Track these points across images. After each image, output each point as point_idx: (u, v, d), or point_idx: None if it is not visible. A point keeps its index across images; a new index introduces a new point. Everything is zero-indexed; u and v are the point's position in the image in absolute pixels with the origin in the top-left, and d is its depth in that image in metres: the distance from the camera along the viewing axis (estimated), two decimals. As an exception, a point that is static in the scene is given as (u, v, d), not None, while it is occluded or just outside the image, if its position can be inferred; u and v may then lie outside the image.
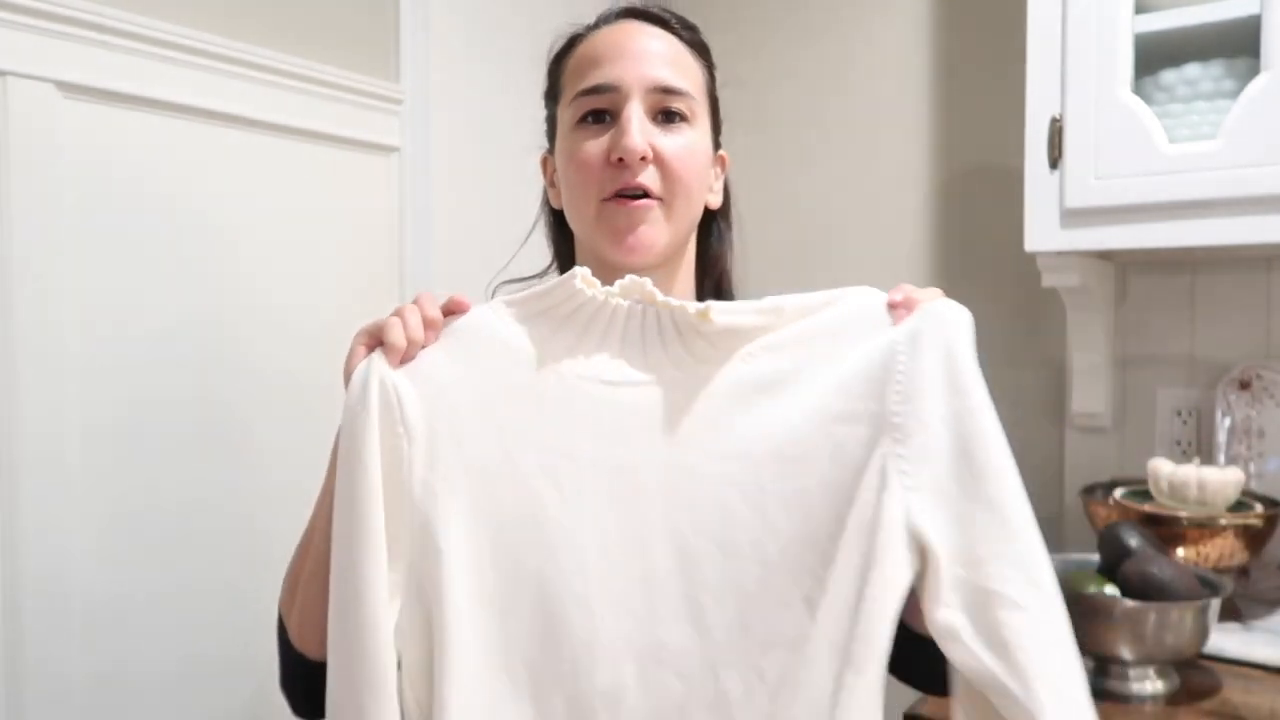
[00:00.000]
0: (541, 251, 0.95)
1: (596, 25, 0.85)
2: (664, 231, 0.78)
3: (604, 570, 0.64)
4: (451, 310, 0.69)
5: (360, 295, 1.37)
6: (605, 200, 0.77)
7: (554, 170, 0.86)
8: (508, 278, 0.90)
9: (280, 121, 1.24)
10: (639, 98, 0.77)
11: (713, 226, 0.90)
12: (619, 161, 0.76)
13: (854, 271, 1.72)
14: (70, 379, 1.03)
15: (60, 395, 1.02)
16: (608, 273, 0.73)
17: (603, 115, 0.78)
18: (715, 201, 0.87)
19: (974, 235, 1.60)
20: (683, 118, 0.79)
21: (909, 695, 1.25)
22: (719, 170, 0.88)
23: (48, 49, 1.00)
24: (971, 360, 0.69)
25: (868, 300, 0.69)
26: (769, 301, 0.68)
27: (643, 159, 0.76)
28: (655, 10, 0.85)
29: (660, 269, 0.80)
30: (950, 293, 1.76)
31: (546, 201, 0.91)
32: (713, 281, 0.91)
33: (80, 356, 1.04)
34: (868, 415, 0.65)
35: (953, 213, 1.63)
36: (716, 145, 0.87)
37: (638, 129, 0.76)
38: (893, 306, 0.68)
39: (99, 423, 1.06)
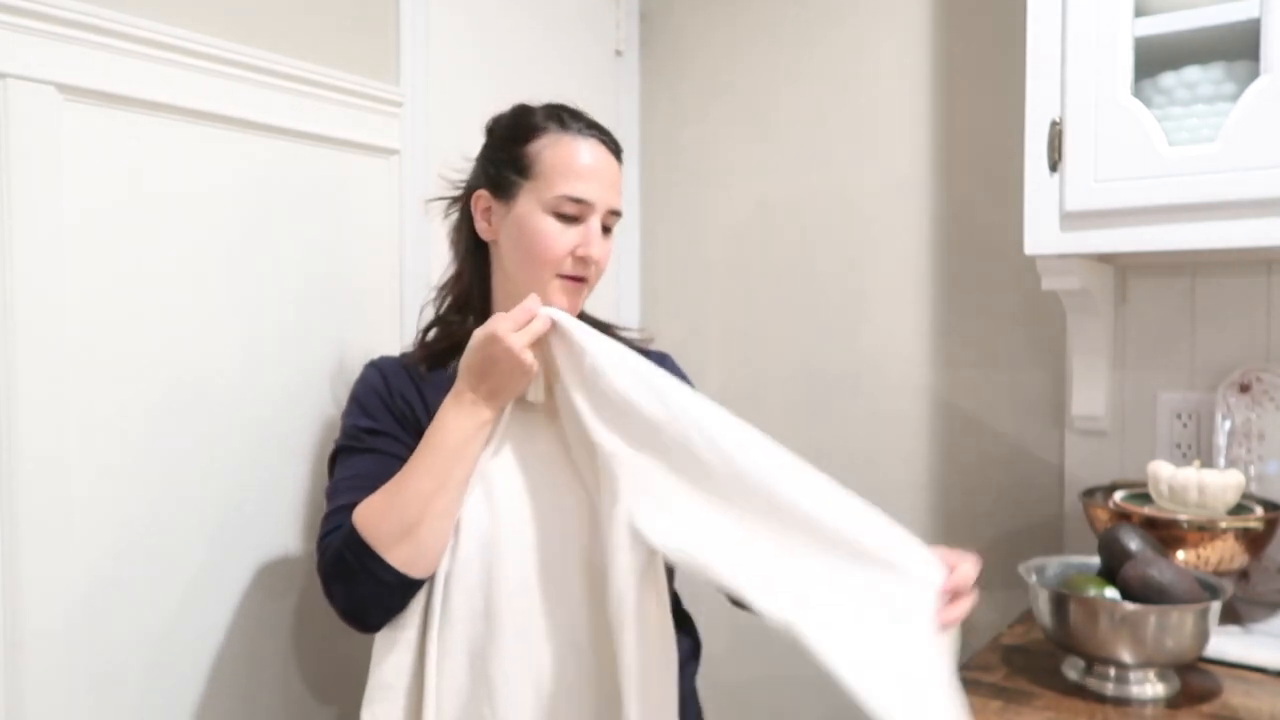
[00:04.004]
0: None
1: (565, 125, 1.10)
2: (583, 300, 1.13)
3: (516, 521, 1.00)
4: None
5: (360, 297, 1.37)
6: (562, 276, 1.09)
7: (487, 208, 1.13)
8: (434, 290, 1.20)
9: (280, 124, 1.24)
10: (600, 214, 1.09)
11: None
12: (583, 258, 1.08)
13: (855, 273, 1.72)
14: (71, 380, 1.03)
15: (61, 396, 1.02)
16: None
17: (570, 214, 1.08)
18: None
19: (974, 238, 1.60)
20: (612, 229, 1.13)
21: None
22: None
23: (49, 51, 1.00)
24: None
25: None
26: None
27: (597, 261, 1.09)
28: (610, 139, 1.13)
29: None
30: (950, 295, 1.77)
31: (470, 232, 1.15)
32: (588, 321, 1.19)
33: (81, 358, 1.04)
34: None
35: (953, 215, 1.63)
36: None
37: (599, 242, 1.09)
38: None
39: (100, 423, 1.06)
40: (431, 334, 1.17)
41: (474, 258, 1.16)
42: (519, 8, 1.66)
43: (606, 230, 1.12)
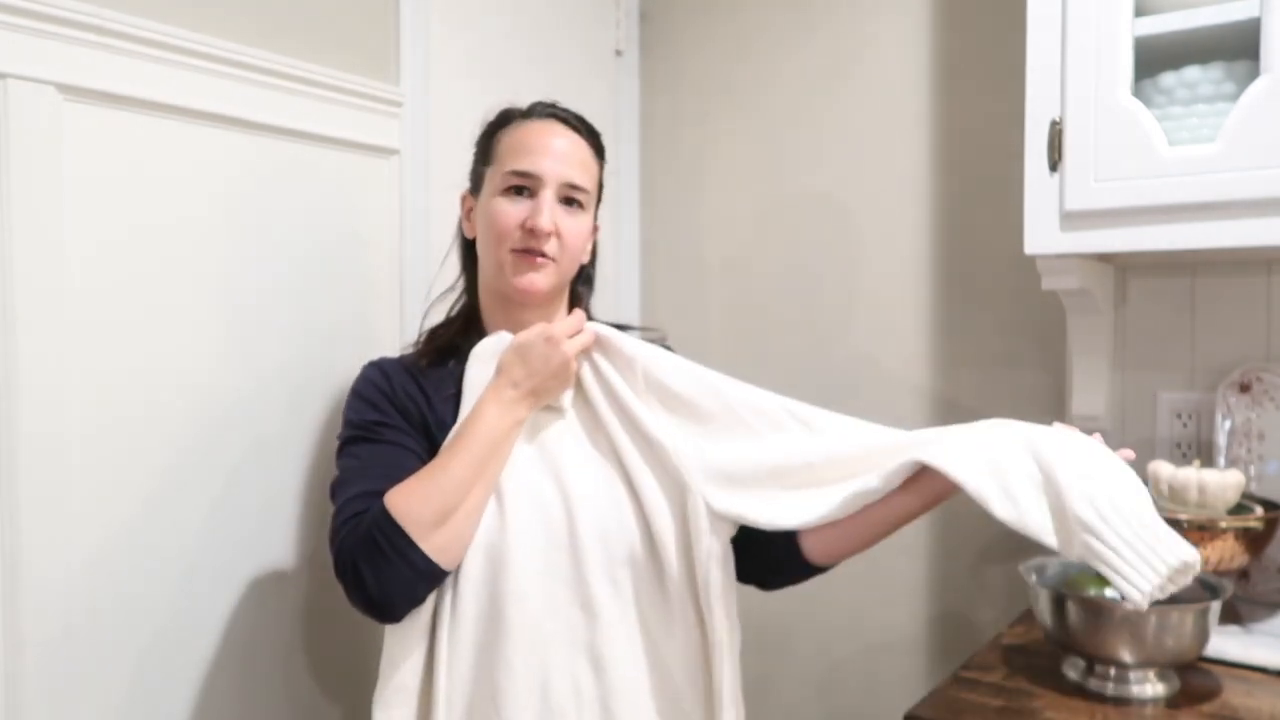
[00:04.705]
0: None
1: (529, 114, 1.14)
2: (550, 281, 1.09)
3: (518, 510, 1.00)
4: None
5: (360, 297, 1.37)
6: (514, 251, 1.08)
7: (470, 208, 1.17)
8: (435, 295, 1.23)
9: (280, 124, 1.24)
10: (552, 188, 1.08)
11: (581, 275, 1.20)
12: (531, 230, 1.06)
13: (855, 273, 1.72)
14: (70, 379, 1.03)
15: (60, 395, 1.02)
16: (503, 303, 1.12)
17: (523, 189, 1.08)
18: (586, 259, 1.19)
19: (974, 238, 1.60)
20: (580, 205, 1.11)
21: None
22: (591, 238, 1.18)
23: (49, 51, 1.00)
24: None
25: None
26: None
27: (548, 233, 1.07)
28: (573, 119, 1.14)
29: (544, 306, 1.12)
30: (950, 295, 1.77)
31: (460, 229, 1.19)
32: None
33: (80, 357, 1.04)
34: None
35: (953, 215, 1.63)
36: (594, 216, 1.17)
37: (549, 213, 1.07)
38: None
39: (100, 423, 1.06)
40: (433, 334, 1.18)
41: (465, 259, 1.20)
42: (519, 7, 1.66)
43: (573, 205, 1.10)
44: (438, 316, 1.21)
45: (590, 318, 1.15)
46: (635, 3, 1.94)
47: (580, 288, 1.21)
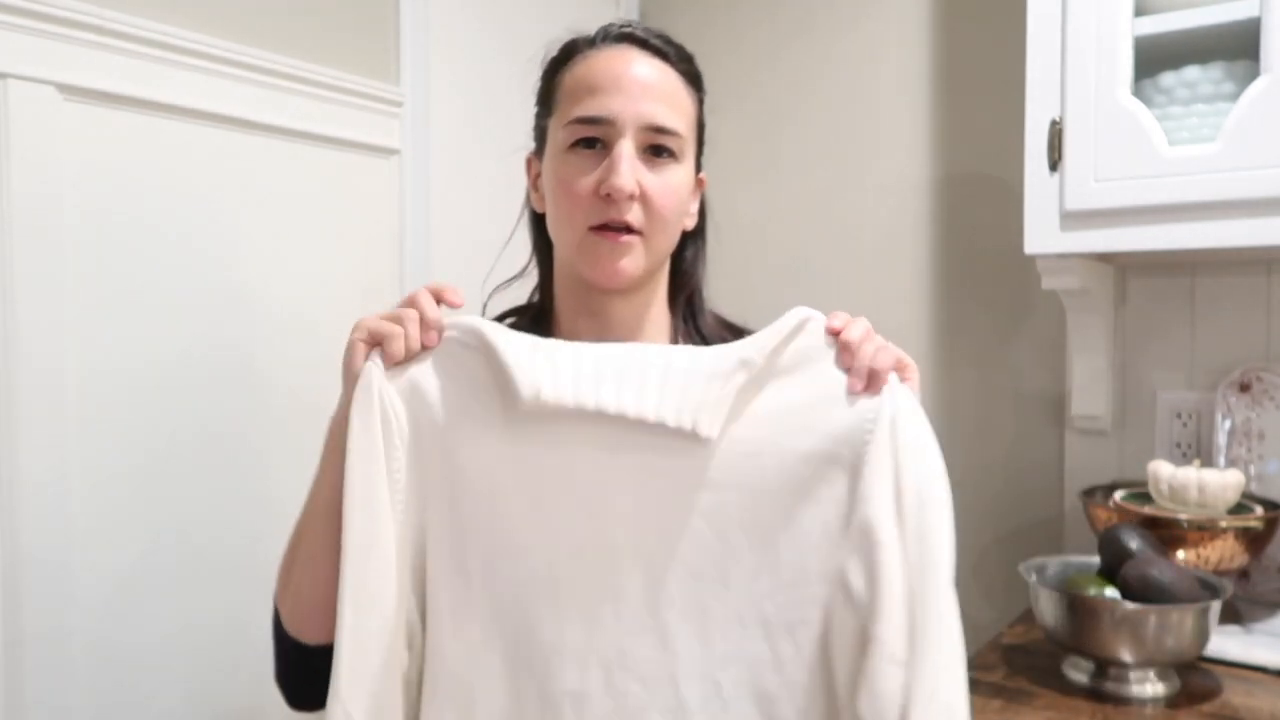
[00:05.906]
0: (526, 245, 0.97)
1: (595, 41, 0.86)
2: (641, 262, 0.82)
3: (573, 583, 0.68)
4: (448, 303, 0.72)
5: (360, 297, 1.37)
6: (591, 229, 0.80)
7: (538, 174, 0.89)
8: (496, 282, 0.95)
9: (281, 124, 1.24)
10: (631, 134, 0.80)
11: (687, 245, 0.92)
12: (607, 196, 0.79)
13: (855, 273, 1.72)
14: (70, 381, 1.03)
15: (61, 397, 1.02)
16: (583, 290, 0.84)
17: (594, 142, 0.81)
18: (690, 224, 0.90)
19: (974, 238, 1.60)
20: (670, 154, 0.82)
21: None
22: (697, 194, 0.90)
23: (49, 51, 1.00)
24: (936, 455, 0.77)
25: (828, 374, 0.78)
26: (740, 372, 0.72)
27: (630, 197, 0.79)
28: (655, 40, 0.85)
29: (635, 292, 0.85)
30: (950, 295, 1.76)
31: (529, 201, 0.93)
32: (684, 296, 0.93)
33: (80, 359, 1.04)
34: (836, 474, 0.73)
35: (953, 215, 1.63)
36: (698, 168, 0.89)
37: (628, 169, 0.78)
38: (852, 390, 0.76)
39: (100, 424, 1.06)
40: None
41: (536, 237, 0.93)
42: (519, 7, 1.66)
43: (661, 154, 0.82)
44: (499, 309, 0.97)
45: (697, 304, 0.92)
46: (635, 3, 1.94)
47: (687, 259, 0.92)
